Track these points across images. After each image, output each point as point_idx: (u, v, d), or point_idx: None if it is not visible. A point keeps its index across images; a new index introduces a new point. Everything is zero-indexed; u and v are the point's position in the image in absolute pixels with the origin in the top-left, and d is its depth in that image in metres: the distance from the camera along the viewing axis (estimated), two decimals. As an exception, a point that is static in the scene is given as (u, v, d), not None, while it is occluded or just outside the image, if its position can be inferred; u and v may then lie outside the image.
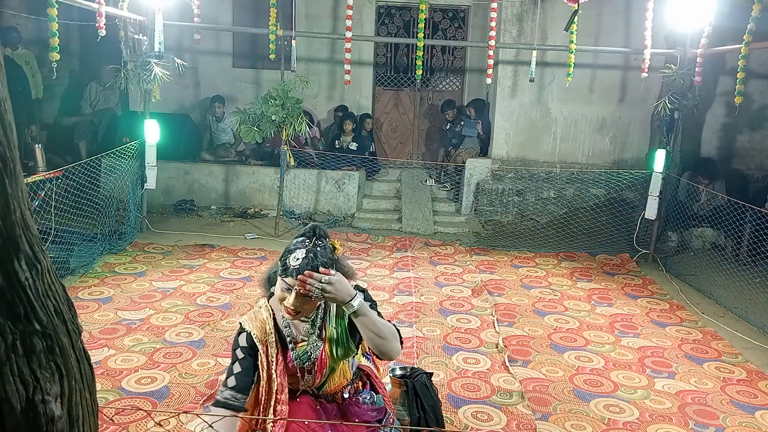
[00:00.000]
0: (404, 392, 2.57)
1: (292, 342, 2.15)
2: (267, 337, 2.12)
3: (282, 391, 2.12)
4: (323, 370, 2.16)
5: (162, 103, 6.80)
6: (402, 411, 2.54)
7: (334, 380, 2.22)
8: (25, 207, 1.25)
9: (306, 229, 2.15)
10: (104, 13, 5.29)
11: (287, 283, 2.02)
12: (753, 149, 8.37)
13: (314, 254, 2.02)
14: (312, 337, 2.15)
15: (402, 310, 4.86)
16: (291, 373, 2.16)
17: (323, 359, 2.15)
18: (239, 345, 2.13)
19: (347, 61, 6.81)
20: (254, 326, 2.14)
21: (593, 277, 6.05)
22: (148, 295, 4.91)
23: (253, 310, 2.21)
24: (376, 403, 2.31)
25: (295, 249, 2.05)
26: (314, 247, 2.05)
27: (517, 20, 7.94)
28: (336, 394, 2.25)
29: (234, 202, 8.05)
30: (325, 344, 2.15)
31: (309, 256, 2.02)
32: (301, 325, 2.17)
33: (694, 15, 6.11)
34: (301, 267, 1.99)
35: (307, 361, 2.14)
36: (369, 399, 2.32)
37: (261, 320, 2.15)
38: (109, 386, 3.45)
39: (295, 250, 2.05)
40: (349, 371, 2.25)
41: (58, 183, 5.36)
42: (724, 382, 3.92)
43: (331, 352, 2.15)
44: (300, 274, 1.98)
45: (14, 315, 1.18)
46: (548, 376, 3.87)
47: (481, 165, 8.12)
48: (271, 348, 2.12)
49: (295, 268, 1.99)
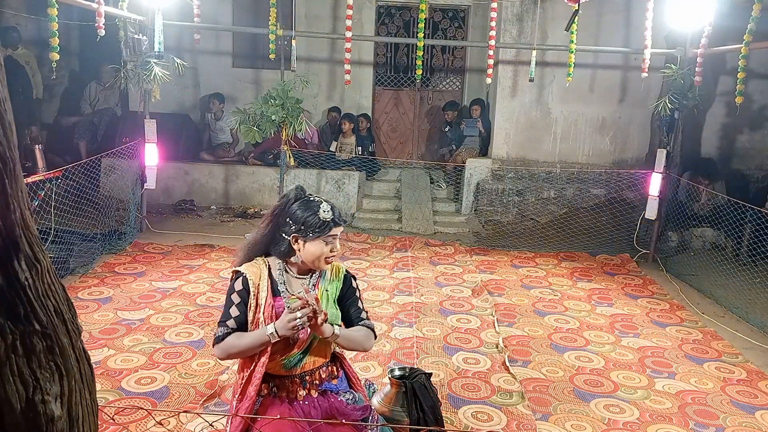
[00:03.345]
0: (403, 393, 2.55)
1: (285, 292, 2.29)
2: (260, 282, 2.27)
3: None
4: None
5: (162, 103, 6.79)
6: (401, 412, 2.52)
7: (317, 348, 2.30)
8: (25, 207, 1.25)
9: (293, 191, 2.36)
10: (104, 13, 5.28)
11: (332, 235, 2.25)
12: (753, 149, 8.37)
13: (332, 204, 2.30)
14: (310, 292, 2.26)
15: (402, 310, 4.86)
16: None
17: None
18: (234, 290, 2.27)
19: (347, 61, 6.80)
20: (250, 271, 2.29)
21: (593, 277, 6.05)
22: (147, 295, 4.91)
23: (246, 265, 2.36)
24: (357, 402, 2.36)
25: (314, 210, 2.25)
26: (325, 199, 2.31)
27: (517, 20, 7.94)
28: (314, 373, 2.30)
29: (234, 202, 8.06)
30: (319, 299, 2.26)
31: (330, 204, 2.29)
32: (296, 281, 2.33)
33: (694, 15, 6.11)
34: (335, 213, 2.26)
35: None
36: (351, 399, 2.36)
37: (257, 267, 2.31)
38: (109, 386, 3.45)
39: (317, 206, 2.26)
40: (330, 344, 2.33)
41: (58, 183, 5.36)
42: (724, 382, 3.92)
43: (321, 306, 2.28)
44: (337, 219, 2.26)
45: (14, 315, 1.18)
46: (548, 376, 3.87)
47: (481, 165, 8.12)
48: (262, 292, 2.25)
49: (333, 217, 2.25)
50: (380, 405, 2.57)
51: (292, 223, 2.27)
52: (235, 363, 3.72)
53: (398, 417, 2.52)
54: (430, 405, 2.58)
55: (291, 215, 2.28)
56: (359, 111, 8.74)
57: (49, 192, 5.17)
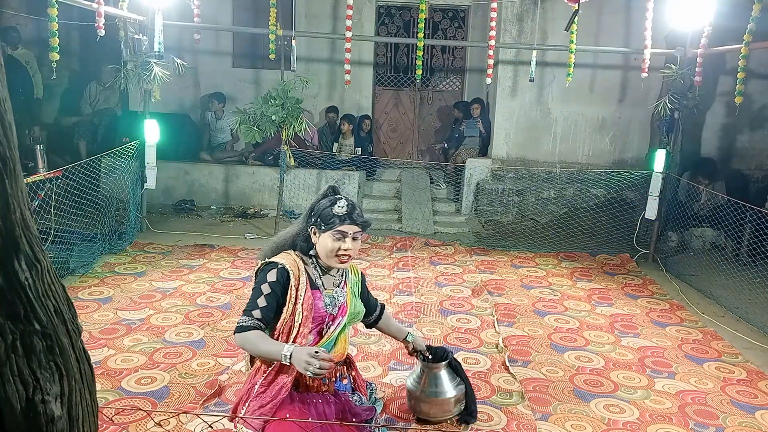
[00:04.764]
0: (449, 369, 3.01)
1: (322, 287, 2.43)
2: (300, 274, 2.35)
3: (305, 324, 2.31)
4: (342, 318, 2.44)
5: (162, 103, 6.79)
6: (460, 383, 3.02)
7: (340, 344, 2.45)
8: (25, 207, 1.25)
9: (326, 189, 2.47)
10: (104, 13, 5.28)
11: (340, 231, 2.31)
12: (753, 149, 8.37)
13: (352, 203, 2.39)
14: (338, 288, 2.48)
15: (402, 310, 4.86)
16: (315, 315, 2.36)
17: (345, 307, 2.46)
18: (267, 280, 2.31)
19: (347, 61, 6.80)
20: (289, 263, 2.35)
21: (593, 277, 6.05)
22: (148, 295, 4.91)
23: (281, 255, 2.43)
24: (364, 403, 2.52)
25: (331, 203, 2.35)
26: (347, 198, 2.40)
27: (517, 20, 7.94)
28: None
29: (234, 202, 8.06)
30: (348, 295, 2.50)
31: (350, 202, 2.37)
32: (330, 279, 2.47)
33: (694, 15, 6.11)
34: (350, 210, 2.33)
35: (335, 305, 2.44)
36: (358, 400, 2.50)
37: (294, 260, 2.38)
38: (109, 386, 3.45)
39: (333, 203, 2.34)
40: (348, 341, 2.52)
41: (58, 183, 5.35)
42: (724, 382, 3.91)
43: (351, 302, 2.49)
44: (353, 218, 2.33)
45: (14, 315, 1.18)
46: (548, 376, 3.87)
47: (481, 165, 8.12)
48: (302, 285, 2.34)
49: (347, 213, 2.32)
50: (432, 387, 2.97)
51: (313, 215, 2.39)
52: (236, 363, 3.73)
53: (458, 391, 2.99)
54: (465, 376, 3.08)
55: (314, 207, 2.41)
56: (359, 111, 8.74)
57: (49, 192, 5.17)
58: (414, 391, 3.04)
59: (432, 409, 3.03)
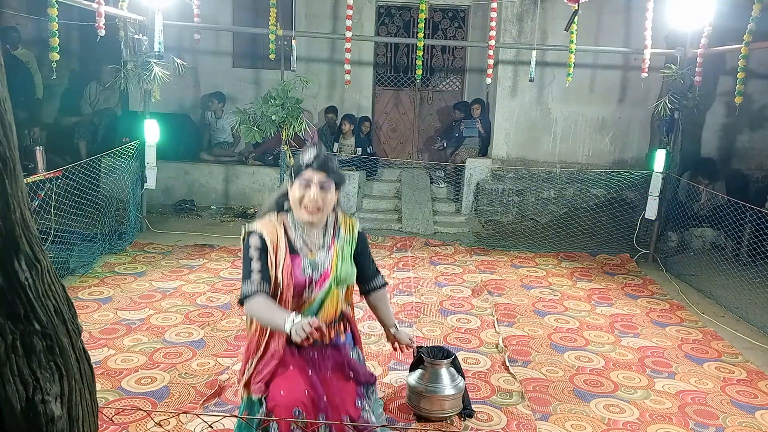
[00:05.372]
0: (453, 365, 3.21)
1: (304, 248, 2.29)
2: (277, 240, 2.25)
3: (287, 290, 2.23)
4: (325, 282, 2.28)
5: (162, 103, 6.79)
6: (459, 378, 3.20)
7: (328, 307, 2.31)
8: (25, 207, 1.25)
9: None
10: (104, 13, 5.28)
11: (305, 179, 2.21)
12: (753, 149, 8.37)
13: (325, 155, 2.26)
14: (323, 250, 2.31)
15: (402, 310, 4.86)
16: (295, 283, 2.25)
17: (328, 272, 2.29)
18: (251, 245, 2.24)
19: (347, 61, 6.80)
20: (265, 229, 2.26)
21: (593, 277, 6.05)
22: (148, 295, 4.91)
23: (262, 220, 2.33)
24: (361, 361, 2.45)
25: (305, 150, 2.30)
26: (322, 149, 2.30)
27: (517, 20, 7.94)
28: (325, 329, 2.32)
29: (234, 202, 8.05)
30: (334, 257, 2.31)
31: (321, 153, 2.25)
32: (314, 239, 2.31)
33: (694, 15, 6.11)
34: (318, 158, 2.22)
35: (315, 270, 2.27)
36: (356, 356, 2.43)
37: (272, 225, 2.29)
38: (109, 386, 3.45)
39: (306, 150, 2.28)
40: (340, 303, 2.35)
41: (58, 183, 5.36)
42: (724, 382, 3.92)
43: (336, 266, 2.30)
44: (317, 164, 2.21)
45: (14, 315, 1.18)
46: (548, 376, 3.87)
47: (481, 165, 8.12)
48: (280, 251, 2.24)
49: (312, 161, 2.21)
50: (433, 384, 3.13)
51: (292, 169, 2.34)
52: (237, 363, 3.72)
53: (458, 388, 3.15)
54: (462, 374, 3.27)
55: None
56: (359, 111, 8.74)
57: (49, 192, 5.17)
58: (415, 387, 3.15)
59: (432, 405, 3.14)
